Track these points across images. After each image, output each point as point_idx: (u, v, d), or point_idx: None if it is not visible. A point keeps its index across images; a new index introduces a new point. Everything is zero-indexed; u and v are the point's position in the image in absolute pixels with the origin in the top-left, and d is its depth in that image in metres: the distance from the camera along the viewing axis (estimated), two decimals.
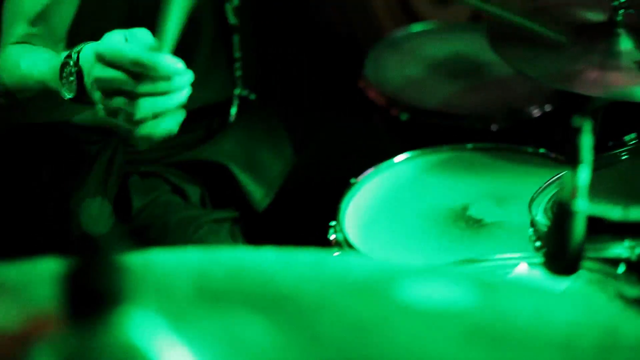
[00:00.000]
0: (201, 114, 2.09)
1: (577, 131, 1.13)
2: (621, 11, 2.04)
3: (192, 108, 2.08)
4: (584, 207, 1.11)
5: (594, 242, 1.29)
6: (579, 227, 1.11)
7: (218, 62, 2.11)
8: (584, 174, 1.13)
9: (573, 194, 1.13)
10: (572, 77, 1.98)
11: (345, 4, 3.16)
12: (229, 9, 2.09)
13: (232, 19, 2.10)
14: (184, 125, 2.08)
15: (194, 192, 2.09)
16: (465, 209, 1.92)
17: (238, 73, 2.13)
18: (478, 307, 0.88)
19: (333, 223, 1.88)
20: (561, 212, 1.12)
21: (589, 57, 2.01)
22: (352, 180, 1.99)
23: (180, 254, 0.99)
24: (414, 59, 2.57)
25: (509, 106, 2.35)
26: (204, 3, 2.02)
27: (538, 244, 1.46)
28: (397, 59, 2.57)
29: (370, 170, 2.03)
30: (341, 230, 1.85)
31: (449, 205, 1.94)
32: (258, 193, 2.13)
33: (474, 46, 2.53)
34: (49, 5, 1.81)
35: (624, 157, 1.68)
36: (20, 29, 1.83)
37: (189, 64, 1.51)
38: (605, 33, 2.05)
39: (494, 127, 2.31)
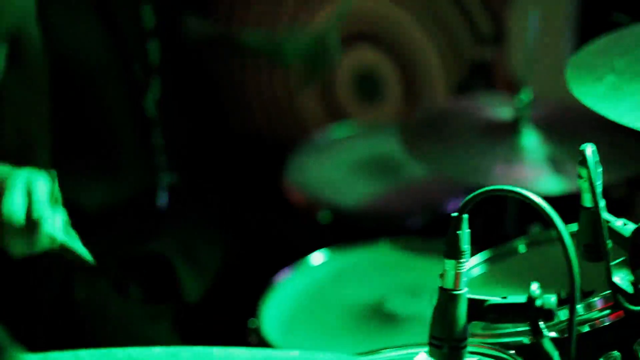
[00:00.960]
0: (129, 203, 2.14)
1: (457, 222, 1.20)
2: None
3: (120, 198, 2.13)
4: (462, 293, 1.17)
5: (486, 326, 1.34)
6: (461, 313, 1.16)
7: (140, 152, 2.16)
8: (461, 262, 1.19)
9: (455, 282, 1.19)
10: (481, 172, 2.07)
11: (272, 107, 3.23)
12: (150, 101, 2.15)
13: (153, 111, 2.16)
14: (114, 215, 2.11)
15: (134, 289, 2.13)
16: (381, 303, 1.97)
17: (161, 159, 2.18)
18: None
19: (253, 321, 1.92)
20: (443, 299, 1.17)
21: (497, 153, 2.10)
22: (272, 279, 2.04)
23: (73, 355, 1.03)
24: (334, 160, 2.63)
25: (426, 203, 2.42)
26: (121, 95, 2.10)
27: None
28: (319, 161, 2.63)
29: (289, 269, 2.08)
30: (259, 330, 1.89)
31: (366, 301, 1.99)
32: (191, 284, 2.17)
33: (392, 146, 2.59)
34: None
35: (523, 247, 1.74)
36: None
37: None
38: (511, 130, 2.15)
39: (412, 224, 2.36)
